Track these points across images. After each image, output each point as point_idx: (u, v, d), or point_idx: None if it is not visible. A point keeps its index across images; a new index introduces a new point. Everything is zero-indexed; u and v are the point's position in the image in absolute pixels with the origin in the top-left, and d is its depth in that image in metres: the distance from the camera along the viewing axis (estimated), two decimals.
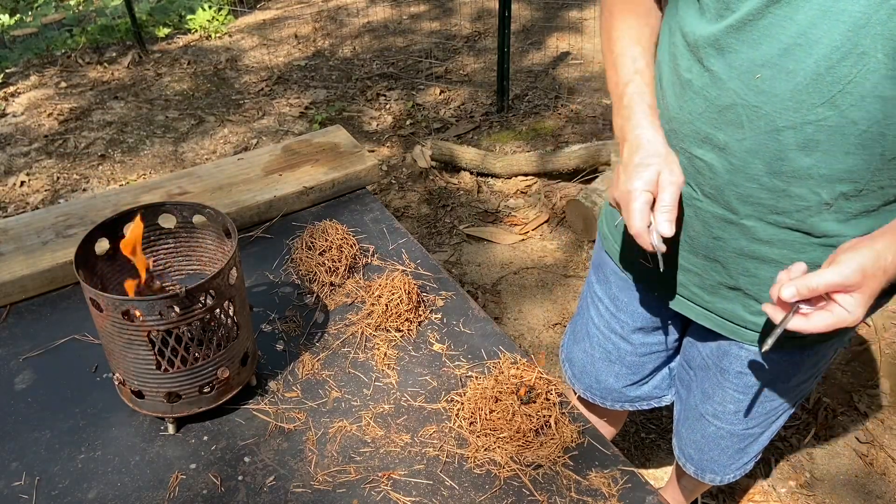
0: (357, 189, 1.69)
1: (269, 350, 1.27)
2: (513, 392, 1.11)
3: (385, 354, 1.26)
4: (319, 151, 1.72)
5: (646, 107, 1.03)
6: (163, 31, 5.12)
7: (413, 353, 1.27)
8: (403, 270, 1.43)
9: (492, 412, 1.11)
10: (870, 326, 2.61)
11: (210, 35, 5.12)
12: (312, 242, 1.43)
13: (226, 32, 5.17)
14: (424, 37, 4.98)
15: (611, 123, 3.93)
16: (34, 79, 4.54)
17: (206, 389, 1.10)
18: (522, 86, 4.27)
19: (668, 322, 1.36)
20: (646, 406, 1.54)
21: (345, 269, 1.41)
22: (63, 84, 4.46)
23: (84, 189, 3.51)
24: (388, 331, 1.30)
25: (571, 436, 1.11)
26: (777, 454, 2.21)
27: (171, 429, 1.12)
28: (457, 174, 3.50)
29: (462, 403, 1.15)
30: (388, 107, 4.15)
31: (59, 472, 1.06)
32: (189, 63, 4.72)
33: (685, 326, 1.39)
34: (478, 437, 1.10)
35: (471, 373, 1.23)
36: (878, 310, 1.16)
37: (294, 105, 4.20)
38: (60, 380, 1.21)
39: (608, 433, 1.76)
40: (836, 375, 2.45)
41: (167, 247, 1.21)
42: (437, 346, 1.28)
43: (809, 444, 2.23)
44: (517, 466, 1.07)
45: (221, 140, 3.90)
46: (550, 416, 1.11)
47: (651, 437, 2.28)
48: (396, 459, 1.09)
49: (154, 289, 1.12)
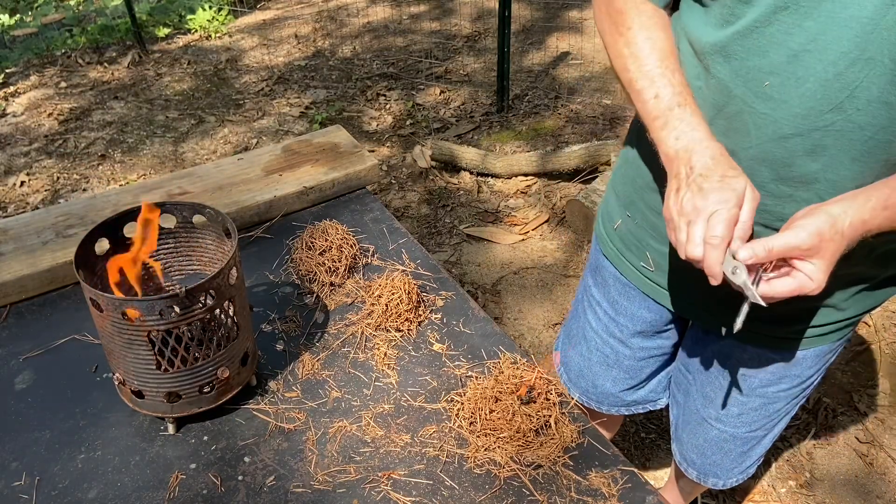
0: (357, 189, 1.69)
1: (269, 350, 1.27)
2: (513, 392, 1.11)
3: (385, 354, 1.26)
4: (319, 151, 1.72)
5: (702, 118, 0.96)
6: (163, 31, 5.12)
7: (413, 353, 1.27)
8: (403, 270, 1.43)
9: (492, 412, 1.10)
10: (870, 326, 2.61)
11: (210, 35, 5.12)
12: (312, 242, 1.43)
13: (226, 32, 5.17)
14: (424, 37, 4.98)
15: (611, 123, 3.93)
16: (34, 79, 4.54)
17: (206, 389, 1.10)
18: (522, 86, 4.27)
19: (668, 326, 1.36)
20: (641, 410, 1.54)
21: (345, 269, 1.41)
22: (63, 84, 4.46)
23: (84, 189, 3.51)
24: (388, 331, 1.30)
25: (571, 436, 1.11)
26: (777, 454, 2.21)
27: (171, 429, 1.12)
28: (457, 174, 3.50)
29: (462, 403, 1.15)
30: (388, 107, 4.15)
31: (59, 472, 1.06)
32: (189, 63, 4.72)
33: (684, 330, 1.39)
34: (478, 437, 1.10)
35: (471, 373, 1.23)
36: (878, 307, 1.15)
37: (294, 105, 4.19)
38: (60, 380, 1.21)
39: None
40: (836, 375, 2.45)
41: (167, 247, 1.21)
42: (437, 346, 1.28)
43: (809, 444, 2.23)
44: (517, 466, 1.07)
45: (221, 140, 3.90)
46: (550, 416, 1.11)
47: (651, 437, 2.28)
48: (396, 459, 1.09)
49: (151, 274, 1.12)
